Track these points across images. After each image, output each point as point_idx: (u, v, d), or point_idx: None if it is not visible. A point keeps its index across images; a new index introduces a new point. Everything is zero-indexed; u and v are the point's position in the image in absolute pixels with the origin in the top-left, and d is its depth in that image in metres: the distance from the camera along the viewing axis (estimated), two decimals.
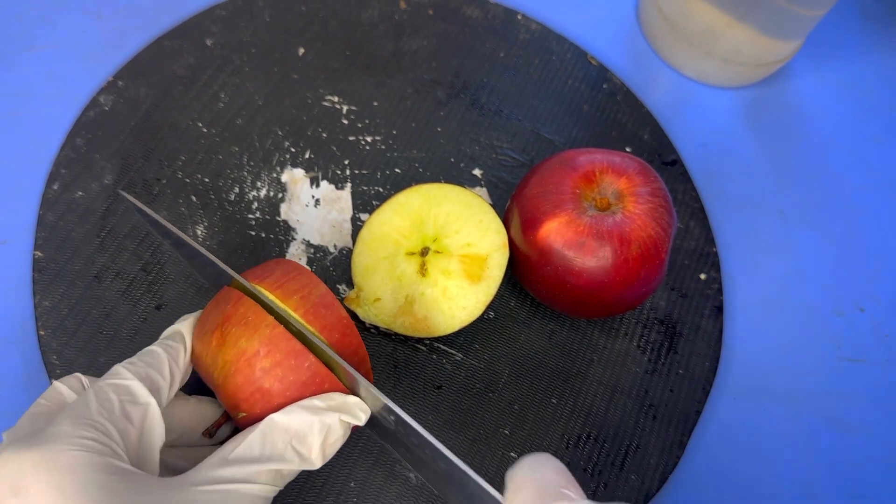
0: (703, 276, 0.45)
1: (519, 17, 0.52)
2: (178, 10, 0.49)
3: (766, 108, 0.53)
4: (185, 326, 0.32)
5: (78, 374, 0.29)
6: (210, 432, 0.32)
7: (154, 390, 0.28)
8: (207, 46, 0.47)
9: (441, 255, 0.39)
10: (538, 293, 0.40)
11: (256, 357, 0.29)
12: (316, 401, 0.29)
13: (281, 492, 0.36)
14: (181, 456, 0.31)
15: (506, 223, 0.40)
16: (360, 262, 0.40)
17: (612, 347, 0.42)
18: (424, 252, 0.39)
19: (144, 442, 0.27)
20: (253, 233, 0.42)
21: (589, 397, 0.41)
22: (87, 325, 0.38)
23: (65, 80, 0.46)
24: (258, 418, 0.30)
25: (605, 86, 0.51)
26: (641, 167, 0.38)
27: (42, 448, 0.24)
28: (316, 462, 0.29)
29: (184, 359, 0.31)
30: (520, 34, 0.52)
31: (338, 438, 0.30)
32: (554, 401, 0.40)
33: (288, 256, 0.42)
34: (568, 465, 0.39)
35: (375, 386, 0.32)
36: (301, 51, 0.48)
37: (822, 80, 0.55)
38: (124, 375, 0.28)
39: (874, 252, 0.49)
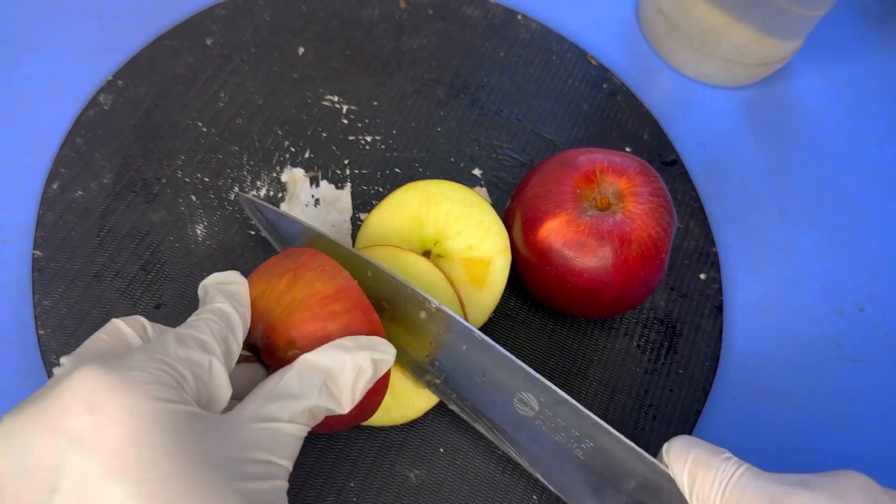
0: (703, 276, 0.45)
1: (519, 16, 0.52)
2: (178, 9, 0.49)
3: (766, 108, 0.53)
4: (244, 286, 0.32)
5: (140, 318, 0.28)
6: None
7: (226, 353, 0.28)
8: (207, 46, 0.47)
9: (443, 258, 0.38)
10: (538, 292, 0.39)
11: (329, 300, 0.30)
12: (346, 341, 0.30)
13: None
14: None
15: (506, 223, 0.40)
16: None
17: (612, 347, 0.42)
18: (426, 255, 0.39)
19: (211, 397, 0.27)
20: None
21: (589, 397, 0.41)
22: (86, 324, 0.38)
23: (65, 80, 0.46)
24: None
25: (605, 86, 0.51)
26: (641, 167, 0.38)
27: (120, 372, 0.24)
28: (346, 404, 0.29)
29: (248, 321, 0.31)
30: (520, 34, 0.52)
31: (368, 379, 0.30)
32: None
33: None
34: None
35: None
36: (301, 50, 0.48)
37: (822, 80, 0.55)
38: (202, 329, 0.28)
39: (874, 252, 0.49)
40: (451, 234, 0.39)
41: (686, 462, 0.30)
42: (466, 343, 0.34)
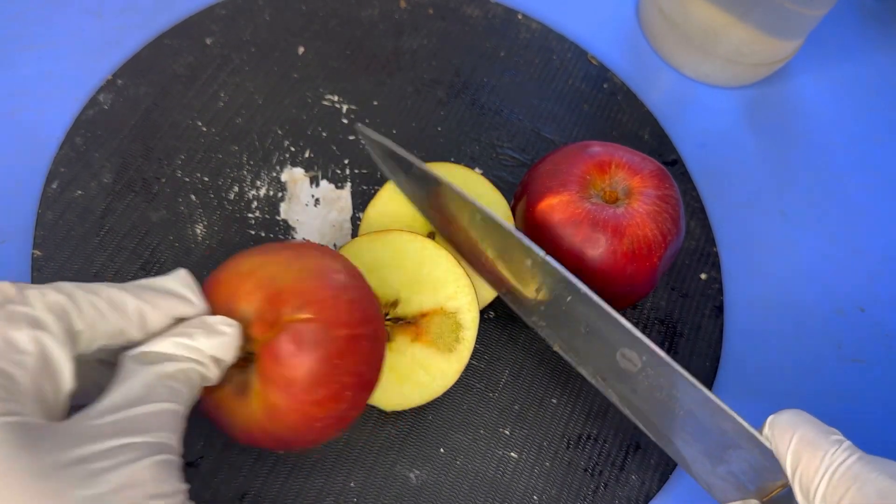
0: (703, 276, 0.45)
1: (519, 16, 0.52)
2: (178, 8, 0.49)
3: (766, 108, 0.53)
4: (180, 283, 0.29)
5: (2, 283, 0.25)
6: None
7: (72, 332, 0.25)
8: (207, 45, 0.47)
9: (406, 324, 0.37)
10: None
11: (340, 273, 0.31)
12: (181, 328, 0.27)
13: (279, 491, 0.36)
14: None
15: (516, 195, 0.40)
16: None
17: None
18: (430, 237, 0.39)
19: (56, 387, 0.24)
20: (252, 232, 0.42)
21: (589, 397, 0.41)
22: None
23: (64, 79, 0.45)
24: (318, 322, 0.28)
25: (605, 85, 0.51)
26: (660, 172, 0.38)
27: None
28: (213, 374, 0.27)
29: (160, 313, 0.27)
30: (520, 33, 0.52)
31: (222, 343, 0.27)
32: (554, 401, 0.40)
33: None
34: (568, 464, 0.39)
35: None
36: (301, 50, 0.48)
37: (822, 80, 0.55)
38: (32, 304, 0.24)
39: (874, 252, 0.49)
40: (408, 295, 0.37)
41: (791, 440, 0.28)
42: (571, 294, 0.34)
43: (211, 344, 0.27)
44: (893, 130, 0.53)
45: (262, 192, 0.43)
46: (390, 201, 0.40)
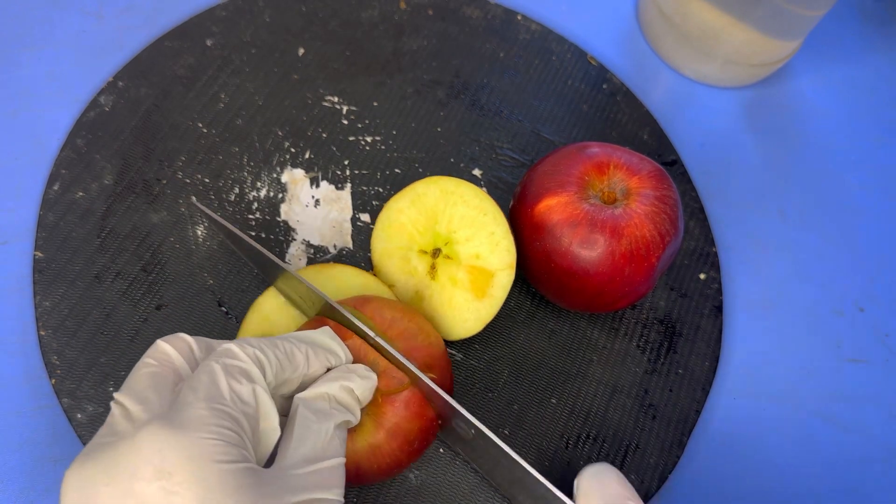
0: (702, 276, 0.45)
1: (519, 17, 0.52)
2: (179, 10, 0.49)
3: (766, 108, 0.53)
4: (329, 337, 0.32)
5: (183, 336, 0.29)
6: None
7: (278, 383, 0.29)
8: (208, 47, 0.47)
9: (451, 261, 0.39)
10: (525, 270, 0.40)
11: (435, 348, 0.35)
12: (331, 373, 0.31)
13: None
14: None
15: (515, 196, 0.40)
16: (378, 246, 0.40)
17: (611, 347, 0.42)
18: (435, 253, 0.39)
19: (262, 437, 0.28)
20: (253, 233, 0.42)
21: (589, 397, 0.41)
22: (87, 325, 0.38)
23: (65, 81, 0.46)
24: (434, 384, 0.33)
25: (604, 86, 0.51)
26: (658, 173, 0.38)
27: (185, 432, 0.24)
28: (356, 412, 0.31)
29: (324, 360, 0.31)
30: (520, 34, 0.52)
31: (364, 390, 0.31)
32: (554, 401, 0.40)
33: (288, 257, 0.42)
34: (567, 464, 0.39)
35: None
36: (301, 51, 0.48)
37: (822, 80, 0.55)
38: (242, 358, 0.28)
39: (874, 252, 0.49)
40: (461, 238, 0.39)
41: None
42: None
43: (363, 387, 0.31)
44: (893, 130, 0.53)
45: (263, 193, 0.43)
46: (411, 205, 0.40)
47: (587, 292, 0.38)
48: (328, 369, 0.31)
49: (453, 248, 0.39)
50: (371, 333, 0.33)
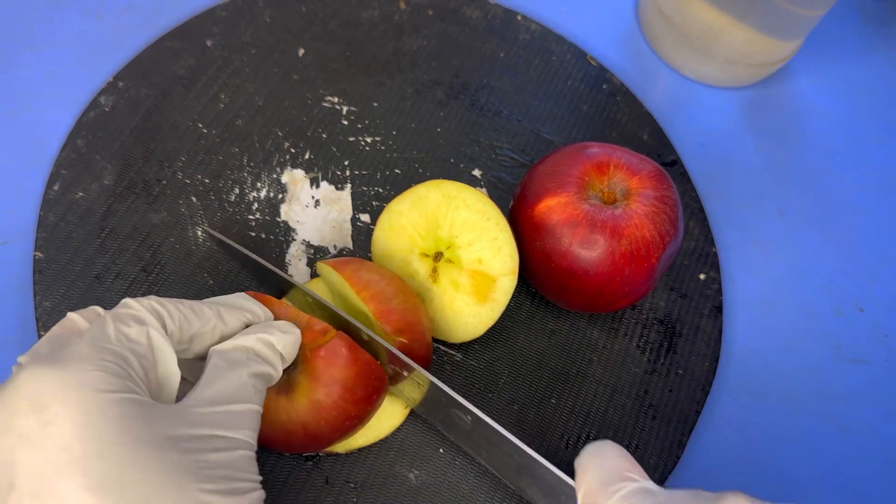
0: (702, 276, 0.45)
1: (519, 17, 0.52)
2: (179, 10, 0.49)
3: (766, 108, 0.53)
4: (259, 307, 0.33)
5: (95, 308, 0.29)
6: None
7: (172, 332, 0.29)
8: (208, 47, 0.47)
9: (453, 265, 0.38)
10: (525, 270, 0.40)
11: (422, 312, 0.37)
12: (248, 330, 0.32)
13: (280, 491, 0.36)
14: None
15: (515, 196, 0.40)
16: (379, 248, 0.40)
17: (611, 347, 0.42)
18: (437, 257, 0.39)
19: (161, 380, 0.28)
20: (253, 233, 0.42)
21: (589, 397, 0.41)
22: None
23: (65, 81, 0.46)
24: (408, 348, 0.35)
25: (604, 86, 0.51)
26: (658, 173, 0.38)
27: (63, 367, 0.24)
28: (278, 365, 0.31)
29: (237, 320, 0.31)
30: (520, 34, 0.52)
31: (288, 343, 0.31)
32: (553, 401, 0.40)
33: (288, 257, 0.42)
34: (568, 465, 0.39)
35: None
36: (301, 51, 0.48)
37: (822, 80, 0.55)
38: (135, 307, 0.28)
39: (874, 252, 0.49)
40: (463, 242, 0.38)
41: (580, 492, 0.29)
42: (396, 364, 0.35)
43: (284, 341, 0.31)
44: (893, 130, 0.53)
45: (263, 193, 0.43)
46: (412, 207, 0.40)
47: (587, 292, 0.38)
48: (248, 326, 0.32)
49: (455, 252, 0.38)
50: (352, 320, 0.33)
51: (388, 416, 0.38)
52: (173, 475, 0.24)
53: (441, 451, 0.38)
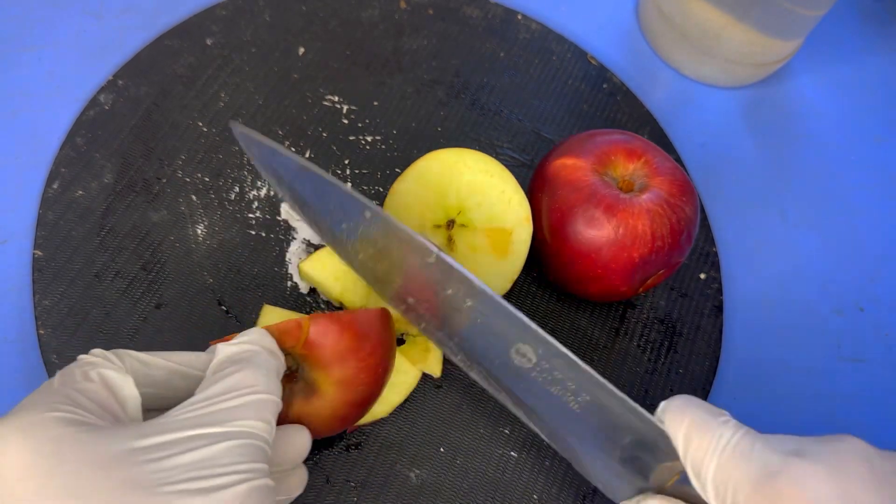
0: (702, 276, 0.45)
1: (519, 17, 0.52)
2: (178, 9, 0.49)
3: (766, 108, 0.53)
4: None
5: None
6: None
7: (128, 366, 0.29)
8: (207, 46, 0.47)
9: (467, 228, 0.39)
10: (535, 224, 0.40)
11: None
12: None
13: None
14: None
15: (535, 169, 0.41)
16: None
17: (612, 347, 0.42)
18: (450, 225, 0.39)
19: (120, 400, 0.27)
20: (253, 232, 0.42)
21: None
22: (87, 324, 0.38)
23: (65, 80, 0.46)
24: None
25: (605, 86, 0.51)
26: (683, 184, 0.38)
27: (8, 419, 0.25)
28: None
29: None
30: (520, 34, 0.52)
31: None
32: None
33: (288, 256, 0.42)
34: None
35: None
36: (301, 50, 0.48)
37: (822, 80, 0.55)
38: (87, 359, 0.28)
39: (874, 252, 0.49)
40: (472, 204, 0.39)
41: (682, 423, 0.29)
42: (469, 296, 0.33)
43: (256, 337, 0.30)
44: (893, 130, 0.54)
45: (263, 192, 0.43)
46: (416, 183, 0.40)
47: (561, 257, 0.38)
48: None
49: (466, 215, 0.39)
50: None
51: (401, 381, 0.38)
52: (124, 491, 0.24)
53: (441, 450, 0.38)
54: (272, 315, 0.39)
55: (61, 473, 0.23)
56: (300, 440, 0.31)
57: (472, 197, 0.39)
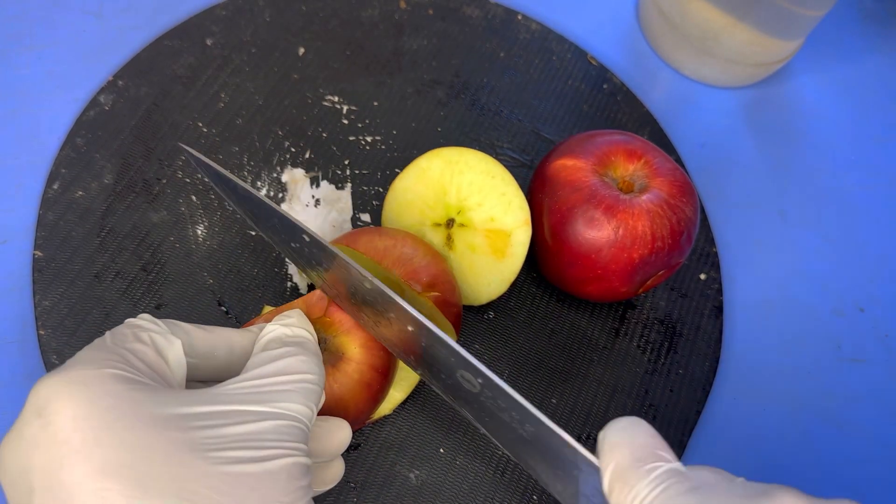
0: (703, 276, 0.45)
1: (519, 17, 0.52)
2: (178, 9, 0.49)
3: (766, 108, 0.53)
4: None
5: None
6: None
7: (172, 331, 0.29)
8: (207, 46, 0.47)
9: (466, 228, 0.39)
10: (534, 218, 0.40)
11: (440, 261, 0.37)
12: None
13: None
14: None
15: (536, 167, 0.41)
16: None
17: (612, 347, 0.42)
18: (450, 224, 0.39)
19: (170, 363, 0.28)
20: (253, 233, 0.42)
21: (589, 397, 0.41)
22: (87, 324, 0.38)
23: (65, 80, 0.46)
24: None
25: (605, 86, 0.51)
26: (684, 186, 0.38)
27: (63, 372, 0.25)
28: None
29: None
30: (520, 34, 0.52)
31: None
32: (554, 401, 0.40)
33: None
34: None
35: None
36: (301, 50, 0.48)
37: (822, 80, 0.55)
38: (136, 322, 0.29)
39: (874, 252, 0.49)
40: (472, 204, 0.39)
41: (609, 466, 0.27)
42: (410, 322, 0.32)
43: (301, 321, 0.32)
44: (893, 130, 0.54)
45: (263, 192, 0.43)
46: (417, 181, 0.40)
47: (562, 259, 0.38)
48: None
49: (466, 215, 0.39)
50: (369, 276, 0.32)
51: (404, 377, 0.38)
52: (175, 450, 0.24)
53: (441, 451, 0.38)
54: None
55: (117, 427, 0.24)
56: (342, 433, 0.32)
57: (472, 197, 0.39)
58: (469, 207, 0.39)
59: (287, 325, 0.31)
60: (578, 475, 0.29)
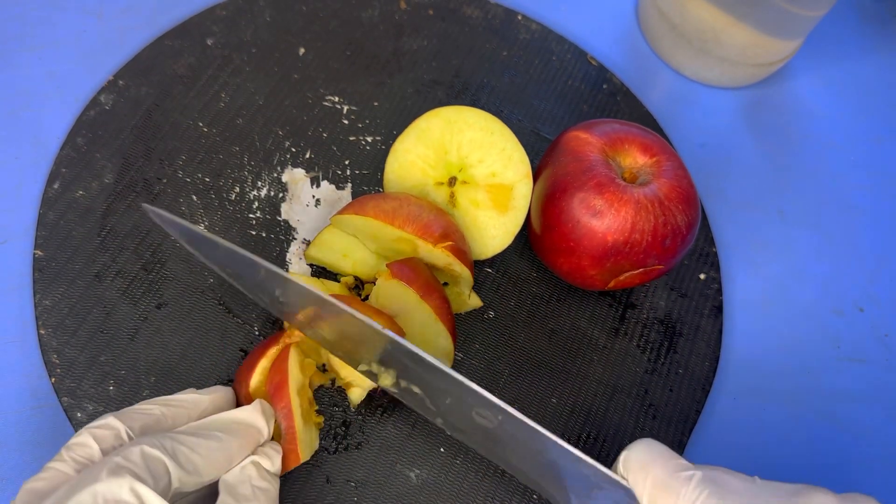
0: (702, 276, 0.45)
1: (519, 17, 0.52)
2: (179, 9, 0.49)
3: (766, 108, 0.53)
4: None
5: (109, 422, 0.31)
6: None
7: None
8: (208, 46, 0.47)
9: (468, 185, 0.40)
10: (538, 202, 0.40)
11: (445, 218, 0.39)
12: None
13: (280, 491, 0.36)
14: None
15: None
16: (392, 190, 0.41)
17: (612, 347, 0.42)
18: (452, 182, 0.40)
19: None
20: (253, 232, 0.42)
21: (589, 397, 0.41)
22: (87, 324, 0.38)
23: (65, 80, 0.46)
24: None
25: (604, 86, 0.51)
26: (687, 188, 0.38)
27: None
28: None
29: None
30: (520, 34, 0.52)
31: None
32: (554, 401, 0.40)
33: (288, 256, 0.42)
34: None
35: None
36: (301, 51, 0.48)
37: (822, 80, 0.55)
38: (122, 461, 0.28)
39: (874, 252, 0.49)
40: (473, 161, 0.40)
41: (646, 482, 0.29)
42: (422, 369, 0.33)
43: (276, 462, 0.33)
44: (893, 130, 0.54)
45: (263, 192, 0.43)
46: (417, 142, 0.41)
47: (541, 223, 0.39)
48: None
49: (468, 172, 0.40)
50: (378, 327, 0.32)
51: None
52: None
53: (442, 450, 0.38)
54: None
55: None
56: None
57: (473, 154, 0.40)
58: (470, 164, 0.40)
59: (260, 465, 0.32)
60: (599, 494, 0.31)
